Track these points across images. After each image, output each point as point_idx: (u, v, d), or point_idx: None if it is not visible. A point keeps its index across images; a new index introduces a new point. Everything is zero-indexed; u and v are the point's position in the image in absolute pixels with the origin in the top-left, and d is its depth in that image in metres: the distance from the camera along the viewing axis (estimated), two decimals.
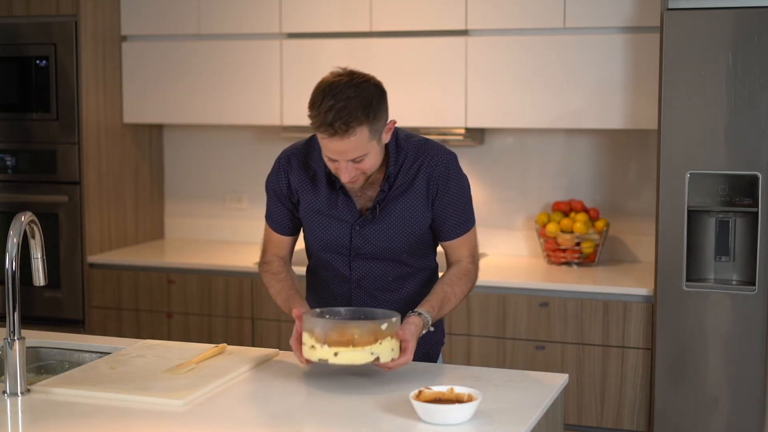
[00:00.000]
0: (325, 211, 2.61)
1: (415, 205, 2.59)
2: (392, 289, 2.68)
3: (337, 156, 2.43)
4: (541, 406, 2.28)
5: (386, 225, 2.60)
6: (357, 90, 2.41)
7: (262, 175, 4.99)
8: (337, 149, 2.41)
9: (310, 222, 2.65)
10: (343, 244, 2.62)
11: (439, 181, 2.58)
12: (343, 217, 2.60)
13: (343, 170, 2.45)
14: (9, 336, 2.36)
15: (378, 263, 2.64)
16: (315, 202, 2.63)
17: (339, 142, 2.39)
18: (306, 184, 2.63)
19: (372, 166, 2.49)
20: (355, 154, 2.42)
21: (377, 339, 2.33)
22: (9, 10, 4.60)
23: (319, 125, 2.41)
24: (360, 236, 2.61)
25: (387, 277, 2.66)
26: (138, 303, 4.57)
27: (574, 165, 4.53)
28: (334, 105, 2.39)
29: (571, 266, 4.34)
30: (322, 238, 2.64)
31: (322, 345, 2.33)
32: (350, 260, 2.64)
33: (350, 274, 2.66)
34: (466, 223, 2.65)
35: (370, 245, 2.61)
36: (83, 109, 4.54)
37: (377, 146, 2.46)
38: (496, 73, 4.26)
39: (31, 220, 2.41)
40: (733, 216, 3.72)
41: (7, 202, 4.65)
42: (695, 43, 3.65)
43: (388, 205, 2.59)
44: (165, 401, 2.28)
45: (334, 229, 2.62)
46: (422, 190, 2.58)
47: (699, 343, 3.74)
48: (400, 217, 2.59)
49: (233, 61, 4.63)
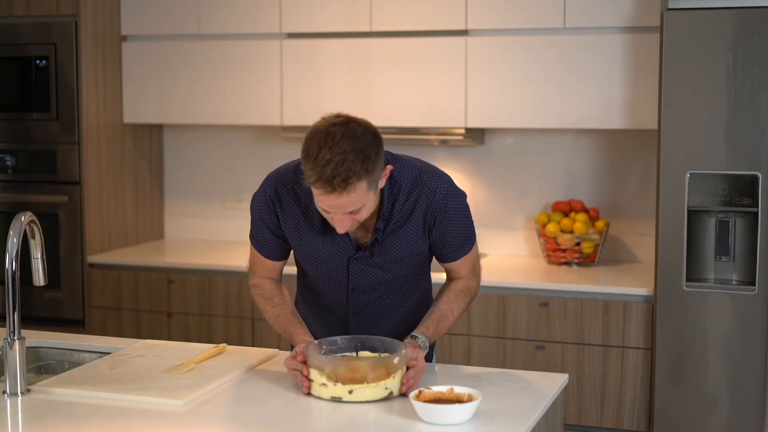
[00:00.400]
0: (319, 246, 2.52)
1: (413, 237, 2.52)
2: (388, 311, 2.65)
3: (333, 210, 2.31)
4: (541, 406, 2.28)
5: (384, 260, 2.54)
6: (354, 142, 2.25)
7: (262, 175, 5.00)
8: (334, 204, 2.29)
9: (304, 256, 2.58)
10: (340, 277, 2.56)
11: (436, 211, 2.49)
12: (339, 253, 2.52)
13: (338, 222, 2.34)
14: (9, 336, 2.36)
15: (375, 293, 2.60)
16: (308, 237, 2.52)
17: (337, 198, 2.26)
18: (298, 219, 2.51)
19: (367, 214, 2.38)
20: (352, 208, 2.30)
21: (390, 373, 2.30)
22: (9, 10, 4.60)
23: (316, 180, 2.25)
24: (358, 271, 2.55)
25: (383, 301, 2.63)
26: (138, 303, 4.57)
27: (574, 165, 4.53)
28: (332, 159, 2.22)
29: (571, 266, 4.34)
30: (318, 271, 2.59)
31: (334, 383, 2.28)
32: (348, 293, 2.59)
33: (347, 305, 2.62)
34: (465, 244, 2.59)
35: (369, 278, 2.57)
36: (83, 109, 4.54)
37: (374, 195, 2.35)
38: (496, 73, 4.26)
39: (31, 220, 2.41)
40: (733, 216, 3.72)
41: (7, 202, 4.65)
42: (695, 43, 3.65)
43: (386, 240, 2.51)
44: (165, 401, 2.28)
45: (329, 264, 2.54)
46: (419, 221, 2.50)
47: (699, 343, 3.74)
48: (399, 251, 2.53)
49: (233, 61, 4.63)
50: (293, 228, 2.52)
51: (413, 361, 2.36)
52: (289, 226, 2.53)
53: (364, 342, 2.45)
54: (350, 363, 2.31)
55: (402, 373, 2.33)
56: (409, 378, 2.33)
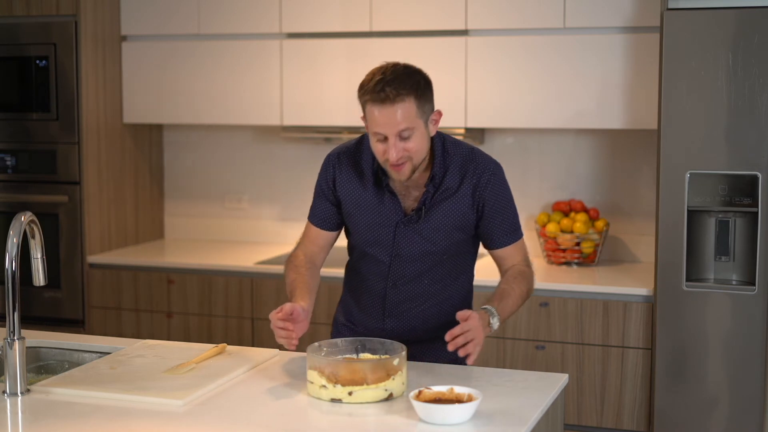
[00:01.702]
0: (371, 208, 2.65)
1: (460, 209, 2.62)
2: (425, 296, 2.69)
3: (385, 128, 2.47)
4: (541, 406, 2.28)
5: (430, 226, 2.62)
6: (406, 71, 2.52)
7: (262, 175, 5.04)
8: (386, 118, 2.46)
9: (356, 218, 2.69)
10: (386, 242, 2.66)
11: (486, 188, 2.62)
12: (389, 216, 2.64)
13: (391, 148, 2.48)
14: (9, 336, 2.36)
15: (417, 265, 2.66)
16: (361, 198, 2.67)
17: (389, 109, 2.45)
18: (354, 181, 2.68)
19: (418, 149, 2.52)
20: (403, 125, 2.46)
21: (390, 375, 2.30)
22: (9, 10, 4.60)
23: (369, 92, 2.47)
24: (403, 236, 2.64)
25: (423, 279, 2.68)
26: (138, 303, 4.57)
27: (574, 165, 4.53)
28: (384, 78, 2.47)
29: (571, 266, 4.34)
30: (366, 235, 2.68)
31: (334, 385, 2.29)
32: (391, 260, 2.67)
33: (389, 273, 2.68)
34: (516, 231, 2.69)
35: (413, 246, 2.64)
36: (83, 109, 4.54)
37: (424, 129, 2.52)
38: (496, 73, 4.26)
39: (31, 220, 2.41)
40: (733, 216, 3.72)
41: (7, 202, 4.65)
42: (695, 43, 3.65)
43: (433, 207, 2.62)
44: (165, 401, 2.28)
45: (378, 227, 2.66)
46: (467, 195, 2.62)
47: (699, 343, 3.74)
48: (445, 219, 2.62)
49: (233, 61, 4.63)
50: (348, 189, 2.68)
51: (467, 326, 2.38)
52: (344, 187, 2.69)
53: (365, 344, 2.46)
54: (350, 364, 2.31)
55: (402, 376, 2.33)
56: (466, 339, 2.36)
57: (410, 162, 2.53)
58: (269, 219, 5.00)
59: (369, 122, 2.52)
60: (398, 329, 2.71)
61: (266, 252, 4.69)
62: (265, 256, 4.60)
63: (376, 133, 2.51)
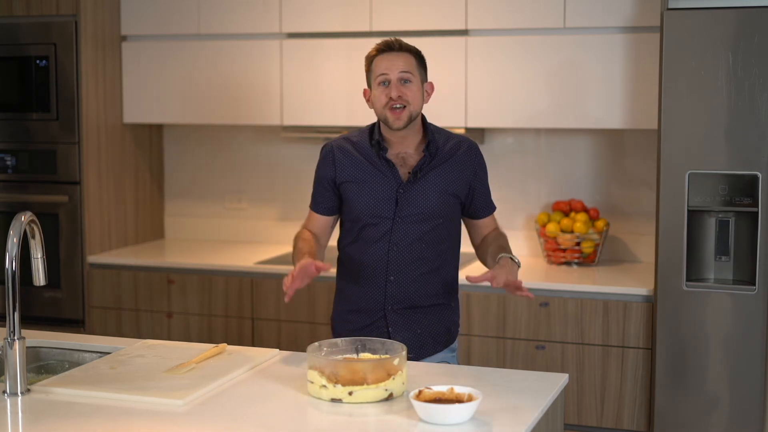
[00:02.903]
0: (373, 180, 2.90)
1: (450, 172, 2.91)
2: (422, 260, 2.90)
3: (389, 69, 2.83)
4: (541, 406, 2.28)
5: (427, 185, 2.89)
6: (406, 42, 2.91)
7: (262, 175, 5.04)
8: (390, 62, 2.83)
9: (358, 193, 2.91)
10: (388, 207, 2.89)
11: (475, 163, 2.97)
12: (390, 184, 2.89)
13: (393, 87, 2.82)
14: (9, 336, 2.36)
15: (417, 226, 2.89)
16: (363, 173, 2.91)
17: (394, 54, 2.84)
18: (354, 159, 2.93)
19: (415, 97, 2.85)
20: (404, 67, 2.83)
21: (390, 374, 2.30)
22: (9, 10, 4.60)
23: (377, 48, 2.87)
24: (404, 197, 2.88)
25: (421, 242, 2.89)
26: (138, 303, 4.57)
27: (574, 165, 4.53)
28: (389, 39, 2.90)
29: (571, 266, 4.34)
30: (370, 205, 2.90)
31: (334, 384, 2.29)
32: (393, 223, 2.89)
33: (391, 236, 2.89)
34: (492, 204, 3.06)
35: (412, 205, 2.88)
36: (83, 109, 4.54)
37: (420, 85, 2.88)
38: (496, 73, 4.26)
39: (31, 220, 2.41)
40: (733, 216, 3.72)
41: (7, 202, 4.65)
42: (695, 43, 3.65)
43: (429, 171, 2.89)
44: (165, 401, 2.28)
45: (381, 195, 2.89)
46: (458, 164, 2.93)
47: (699, 343, 3.74)
48: (440, 182, 2.90)
49: (233, 61, 4.63)
50: (349, 168, 2.93)
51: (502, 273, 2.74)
52: (345, 168, 2.93)
53: (365, 344, 2.46)
54: (350, 364, 2.31)
55: (402, 375, 2.33)
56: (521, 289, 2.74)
57: (407, 109, 2.83)
58: (269, 219, 5.00)
59: (374, 73, 2.86)
60: (398, 294, 2.91)
61: (266, 252, 4.69)
62: (265, 256, 4.60)
63: (380, 76, 2.84)
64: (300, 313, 4.30)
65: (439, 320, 2.97)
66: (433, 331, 2.95)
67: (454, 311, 3.02)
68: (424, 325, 2.94)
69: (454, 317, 3.02)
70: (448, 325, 3.00)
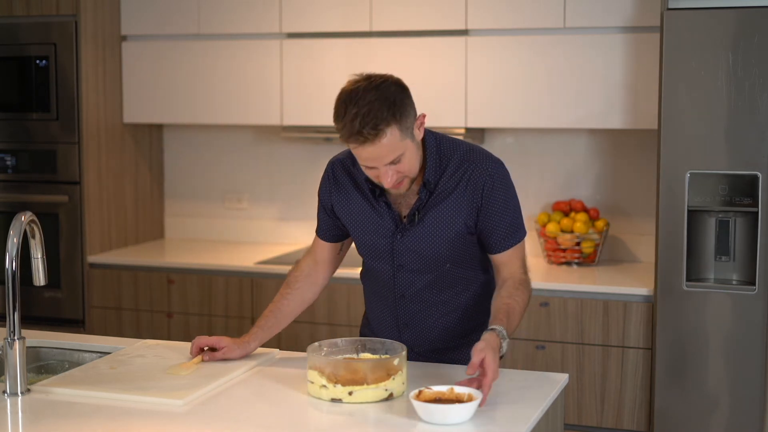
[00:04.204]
0: (367, 219, 2.59)
1: (454, 209, 2.52)
2: (437, 305, 2.62)
3: (373, 163, 2.39)
4: (541, 406, 2.28)
5: (425, 230, 2.53)
6: (377, 92, 2.34)
7: (262, 175, 5.04)
8: (372, 156, 2.37)
9: (353, 230, 2.64)
10: (385, 252, 2.59)
11: (483, 189, 2.50)
12: (385, 226, 2.57)
13: (383, 176, 2.41)
14: (9, 336, 2.36)
15: (422, 276, 2.59)
16: (357, 210, 2.60)
17: (371, 147, 2.34)
18: (349, 192, 2.61)
19: (411, 167, 2.44)
20: (390, 157, 2.37)
21: (390, 375, 2.29)
22: (9, 10, 4.60)
23: (348, 136, 2.34)
24: (401, 244, 2.56)
25: (432, 289, 2.60)
26: (138, 303, 4.57)
27: (574, 165, 4.53)
28: (358, 112, 2.31)
29: (571, 266, 4.34)
30: (366, 247, 2.63)
31: (334, 384, 2.28)
32: (394, 272, 2.60)
33: (394, 285, 2.62)
34: (515, 234, 2.57)
35: (412, 253, 2.56)
36: (83, 109, 4.54)
37: (412, 144, 2.41)
38: (496, 73, 4.26)
39: (31, 220, 2.41)
40: (733, 216, 3.72)
41: (7, 202, 4.65)
42: (695, 43, 3.65)
43: (428, 211, 2.53)
44: (165, 401, 2.28)
45: (376, 238, 2.59)
46: (463, 196, 2.51)
47: (699, 343, 3.74)
48: (439, 221, 2.52)
49: (233, 61, 4.63)
50: (344, 201, 2.62)
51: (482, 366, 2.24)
52: (340, 199, 2.63)
53: (365, 344, 2.45)
54: (350, 364, 2.31)
55: (402, 375, 2.33)
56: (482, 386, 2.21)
57: (406, 179, 2.47)
58: (269, 219, 5.00)
59: (353, 153, 2.42)
60: (416, 341, 2.65)
61: (266, 252, 4.69)
62: (265, 256, 4.60)
63: (364, 166, 2.44)
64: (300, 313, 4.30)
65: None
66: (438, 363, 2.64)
67: None
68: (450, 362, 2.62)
69: None
70: None
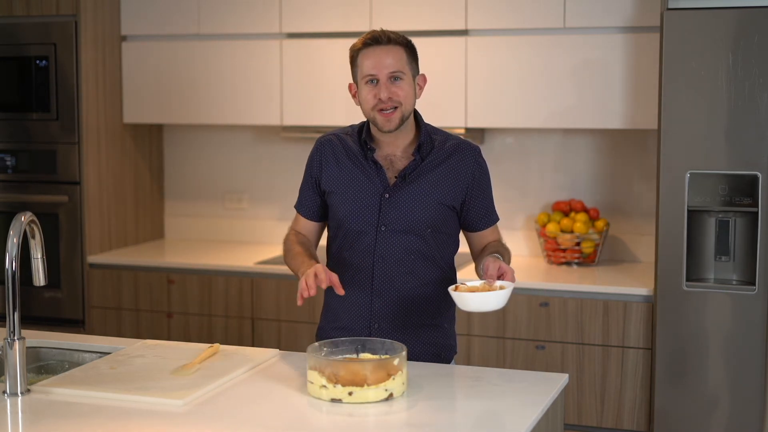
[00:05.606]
0: (356, 181, 2.68)
1: (441, 179, 2.66)
2: (411, 273, 2.68)
3: (377, 69, 2.60)
4: (541, 406, 2.28)
5: (413, 191, 2.65)
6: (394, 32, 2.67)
7: (262, 175, 5.04)
8: (378, 60, 2.60)
9: (341, 194, 2.70)
10: (372, 213, 2.67)
11: (475, 169, 2.70)
12: (374, 186, 2.67)
13: (382, 88, 2.59)
14: (9, 336, 2.36)
15: (404, 237, 2.67)
16: (347, 176, 2.70)
17: (381, 50, 2.60)
18: (341, 156, 2.72)
19: (407, 96, 2.62)
20: (394, 67, 2.59)
21: (390, 375, 2.30)
22: (9, 10, 4.60)
23: (363, 39, 2.63)
24: (388, 203, 2.66)
25: (410, 255, 2.67)
26: (138, 303, 4.57)
27: (574, 165, 4.53)
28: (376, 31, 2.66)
29: (571, 266, 4.34)
30: (352, 208, 2.68)
31: (334, 385, 2.28)
32: (377, 232, 2.67)
33: (375, 247, 2.67)
34: (493, 214, 2.78)
35: (397, 212, 2.65)
36: (83, 109, 4.54)
37: (412, 81, 2.65)
38: (496, 73, 4.26)
39: (31, 220, 2.41)
40: (733, 216, 3.72)
41: (7, 202, 4.65)
42: (695, 43, 3.65)
43: (419, 176, 2.66)
44: (165, 401, 2.28)
45: (365, 196, 2.67)
46: (452, 171, 2.67)
47: (699, 343, 3.74)
48: (427, 186, 2.65)
49: (233, 61, 4.63)
50: (334, 171, 2.71)
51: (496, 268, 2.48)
52: (329, 171, 2.71)
53: (365, 344, 2.45)
54: (350, 365, 2.31)
55: (402, 375, 2.33)
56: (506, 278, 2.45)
57: (399, 110, 2.61)
58: (269, 219, 5.00)
59: (361, 70, 2.64)
60: (385, 311, 2.69)
61: (266, 252, 4.70)
62: (265, 256, 4.60)
63: (367, 76, 2.62)
64: (300, 313, 4.30)
65: (427, 344, 2.71)
66: (419, 356, 2.69)
67: (446, 333, 2.76)
68: (410, 347, 2.59)
69: (448, 340, 2.77)
70: (437, 351, 2.74)
